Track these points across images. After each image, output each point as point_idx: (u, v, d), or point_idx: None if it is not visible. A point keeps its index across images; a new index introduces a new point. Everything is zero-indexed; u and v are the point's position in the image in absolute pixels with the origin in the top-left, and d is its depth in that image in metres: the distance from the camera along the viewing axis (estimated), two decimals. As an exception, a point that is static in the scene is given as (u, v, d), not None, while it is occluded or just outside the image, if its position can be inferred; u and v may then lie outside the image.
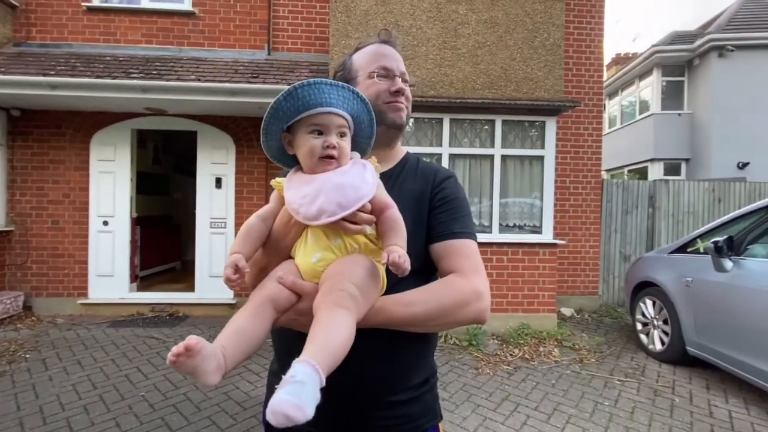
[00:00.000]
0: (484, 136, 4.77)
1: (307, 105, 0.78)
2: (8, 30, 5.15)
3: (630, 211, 6.07)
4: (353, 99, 0.81)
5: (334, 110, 0.78)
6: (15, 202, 5.08)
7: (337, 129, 0.79)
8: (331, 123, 0.79)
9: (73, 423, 2.65)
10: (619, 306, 5.87)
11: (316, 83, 0.76)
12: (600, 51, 5.73)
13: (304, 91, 0.76)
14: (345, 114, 0.80)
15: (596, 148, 5.73)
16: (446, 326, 0.89)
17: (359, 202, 0.74)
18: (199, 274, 5.29)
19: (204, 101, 4.60)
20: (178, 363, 0.56)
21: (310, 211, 0.75)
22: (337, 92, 0.78)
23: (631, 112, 11.96)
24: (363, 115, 0.83)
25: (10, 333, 4.33)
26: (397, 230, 0.77)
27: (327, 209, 0.74)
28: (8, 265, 5.06)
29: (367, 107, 0.83)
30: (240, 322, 0.70)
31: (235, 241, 0.80)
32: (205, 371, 0.59)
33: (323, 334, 0.63)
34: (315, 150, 0.78)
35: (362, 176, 0.78)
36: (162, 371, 3.46)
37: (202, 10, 5.38)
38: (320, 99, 0.77)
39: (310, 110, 0.78)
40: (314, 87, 0.76)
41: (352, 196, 0.74)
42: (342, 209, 0.73)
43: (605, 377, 3.52)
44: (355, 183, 0.76)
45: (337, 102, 0.79)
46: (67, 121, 5.10)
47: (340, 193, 0.74)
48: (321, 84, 0.76)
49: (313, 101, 0.77)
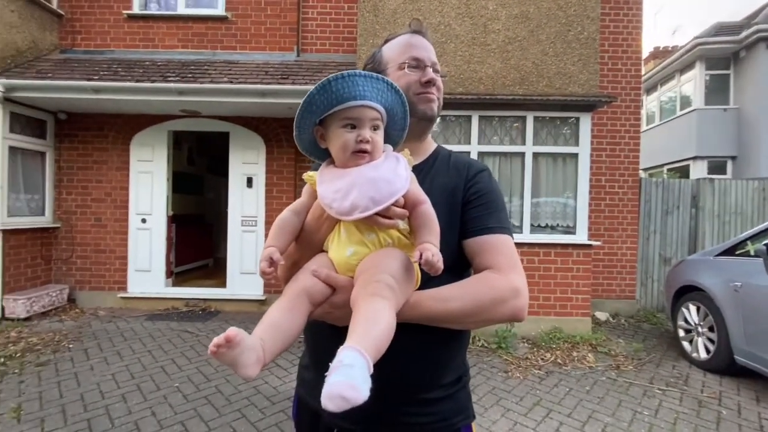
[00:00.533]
0: (515, 133, 4.65)
1: (340, 98, 0.76)
2: (55, 38, 5.48)
3: (671, 212, 5.75)
4: (387, 91, 0.78)
5: (367, 103, 0.76)
6: (62, 200, 5.39)
7: (370, 122, 0.78)
8: (364, 116, 0.77)
9: (112, 411, 2.76)
10: (658, 311, 5.57)
11: (350, 75, 0.74)
12: (638, 44, 5.48)
13: (338, 84, 0.75)
14: (379, 107, 0.78)
15: (634, 146, 5.48)
16: (482, 323, 0.86)
17: (393, 197, 0.73)
18: (230, 270, 5.43)
19: (236, 102, 4.72)
20: (219, 354, 0.56)
21: (343, 206, 0.74)
22: (371, 84, 0.76)
23: (671, 107, 11.37)
24: (397, 107, 0.81)
25: (56, 324, 4.59)
26: (430, 227, 0.76)
27: (360, 204, 0.73)
28: (55, 260, 5.37)
29: (401, 99, 0.81)
30: (276, 315, 0.69)
31: (270, 235, 0.80)
32: (244, 363, 0.59)
33: (364, 323, 0.62)
34: (348, 144, 0.77)
35: (395, 170, 0.77)
36: (195, 364, 3.57)
37: (234, 15, 5.53)
38: (354, 92, 0.76)
39: (344, 104, 0.76)
40: (348, 79, 0.74)
41: (385, 191, 0.73)
42: (375, 204, 0.72)
43: (644, 385, 3.34)
44: (389, 177, 0.75)
45: (371, 94, 0.77)
46: (109, 124, 5.36)
47: (373, 187, 0.73)
48: (355, 76, 0.75)
49: (346, 94, 0.76)
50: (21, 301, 4.60)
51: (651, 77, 11.67)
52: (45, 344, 3.92)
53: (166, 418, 2.70)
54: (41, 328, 4.42)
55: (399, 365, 0.83)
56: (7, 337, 4.08)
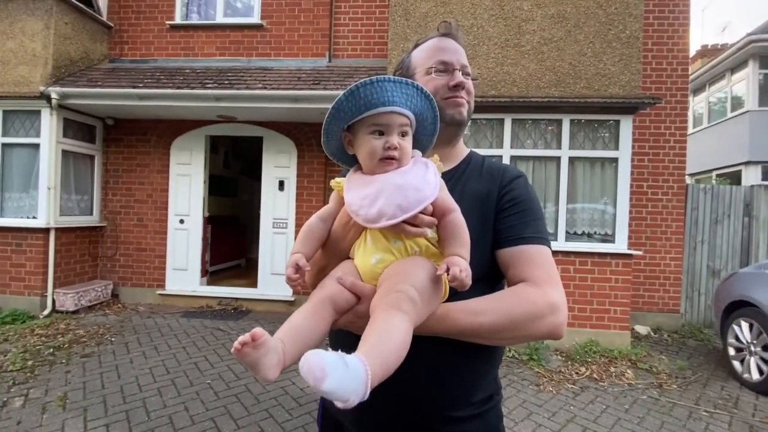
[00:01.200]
0: (550, 136, 4.50)
1: (368, 104, 0.75)
2: (104, 48, 5.83)
3: (720, 221, 5.37)
4: (417, 96, 0.76)
5: (396, 109, 0.75)
6: (107, 201, 5.72)
7: (399, 129, 0.76)
8: (393, 123, 0.75)
9: (149, 404, 2.88)
10: (705, 327, 5.21)
11: (378, 81, 0.73)
12: (685, 42, 5.17)
13: (366, 90, 0.73)
14: (407, 113, 0.77)
15: (679, 150, 5.16)
16: (516, 340, 0.82)
17: (421, 204, 0.71)
18: (261, 271, 5.56)
19: (269, 108, 4.85)
20: (242, 352, 0.56)
21: (370, 214, 0.73)
22: (400, 90, 0.75)
23: (720, 109, 10.66)
24: (426, 112, 0.79)
25: (100, 318, 4.85)
26: (460, 237, 0.73)
27: (387, 212, 0.71)
28: (100, 257, 5.69)
29: (431, 104, 0.79)
30: (299, 319, 0.69)
31: (296, 242, 0.80)
32: (266, 365, 0.58)
33: (376, 336, 0.59)
34: (376, 151, 0.76)
35: (424, 177, 0.75)
36: (226, 362, 3.66)
37: (269, 22, 5.68)
38: (382, 98, 0.74)
39: (372, 110, 0.75)
40: (376, 85, 0.73)
41: (413, 199, 0.71)
42: (402, 212, 0.71)
43: (690, 407, 3.11)
44: (417, 184, 0.73)
45: (400, 100, 0.75)
46: (151, 129, 5.64)
47: (400, 194, 0.71)
48: (383, 82, 0.73)
49: (375, 100, 0.74)
50: (70, 295, 4.90)
51: (698, 77, 10.98)
52: (90, 336, 4.16)
53: (198, 414, 2.78)
54: (87, 321, 4.69)
55: (425, 380, 0.80)
56: (57, 329, 4.35)
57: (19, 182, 5.08)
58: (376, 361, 0.54)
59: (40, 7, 4.95)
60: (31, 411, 2.73)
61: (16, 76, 4.92)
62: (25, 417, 2.65)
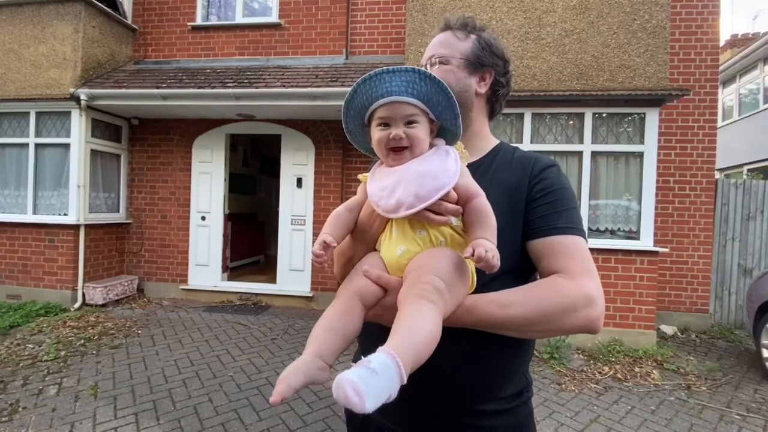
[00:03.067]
0: (571, 131, 4.40)
1: (370, 99, 0.76)
2: (129, 50, 6.00)
3: (753, 217, 5.15)
4: (420, 81, 0.74)
5: (396, 99, 0.74)
6: (133, 198, 5.90)
7: (403, 118, 0.75)
8: (395, 114, 0.75)
9: (174, 395, 2.96)
10: (736, 327, 5.01)
11: (376, 74, 0.73)
12: (715, 31, 4.96)
13: (366, 85, 0.75)
14: (410, 100, 0.75)
15: (708, 143, 4.96)
16: (549, 333, 0.80)
17: (438, 192, 0.70)
18: (280, 267, 5.64)
19: (288, 106, 4.90)
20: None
21: (389, 204, 0.73)
22: (399, 78, 0.74)
23: (752, 101, 10.20)
24: (436, 96, 0.76)
25: (127, 311, 5.02)
26: (484, 222, 0.71)
27: (405, 201, 0.71)
28: (127, 253, 5.88)
29: (439, 86, 0.75)
30: (331, 320, 0.69)
31: (325, 226, 0.80)
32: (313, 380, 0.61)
33: (406, 328, 0.59)
34: (381, 143, 0.77)
35: (443, 164, 0.74)
36: (247, 355, 3.73)
37: (287, 21, 5.74)
38: (381, 90, 0.74)
39: (373, 104, 0.76)
40: (375, 79, 0.74)
41: (430, 187, 0.70)
42: (420, 201, 0.70)
43: (721, 409, 3.00)
44: (434, 172, 0.72)
45: (399, 89, 0.74)
46: (174, 128, 5.78)
47: (417, 183, 0.71)
48: (381, 74, 0.73)
49: (375, 94, 0.75)
50: (99, 289, 5.08)
51: (728, 68, 10.54)
52: (118, 329, 4.30)
53: (221, 405, 2.85)
54: (115, 314, 4.86)
55: (454, 372, 0.79)
56: (87, 321, 4.52)
57: (51, 181, 5.29)
58: (407, 351, 0.54)
59: (69, 12, 5.13)
60: (65, 399, 2.84)
61: (48, 79, 5.12)
62: (60, 404, 2.77)
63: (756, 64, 9.91)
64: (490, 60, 0.95)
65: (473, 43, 0.94)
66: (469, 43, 0.94)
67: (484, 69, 0.95)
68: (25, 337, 3.98)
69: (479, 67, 0.94)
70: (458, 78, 0.93)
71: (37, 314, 4.65)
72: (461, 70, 0.93)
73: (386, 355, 0.51)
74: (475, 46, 0.94)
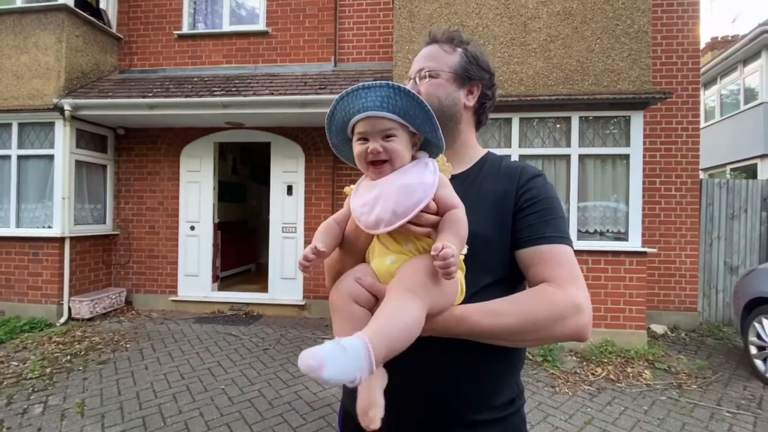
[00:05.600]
0: (559, 135, 4.45)
1: (347, 115, 0.78)
2: (114, 59, 5.93)
3: (737, 216, 5.25)
4: (395, 95, 0.74)
5: (371, 114, 0.75)
6: (120, 209, 5.81)
7: (381, 132, 0.76)
8: (372, 128, 0.76)
9: (164, 410, 2.90)
10: (724, 325, 5.09)
11: (352, 91, 0.75)
12: (695, 34, 5.08)
13: (344, 102, 0.76)
14: (387, 114, 0.75)
15: (692, 144, 5.06)
16: (538, 342, 0.81)
17: (415, 208, 0.71)
18: (272, 276, 5.59)
19: (276, 113, 4.88)
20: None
21: (369, 221, 0.74)
22: (374, 94, 0.75)
23: (733, 102, 10.44)
24: (412, 109, 0.76)
25: (115, 324, 4.92)
26: (453, 230, 0.71)
27: (384, 218, 0.72)
28: (114, 265, 5.78)
29: (415, 100, 0.75)
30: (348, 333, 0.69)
31: (314, 237, 0.81)
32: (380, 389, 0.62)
33: (386, 317, 0.61)
34: (360, 157, 0.78)
35: (420, 177, 0.74)
36: (239, 367, 3.68)
37: (274, 29, 5.73)
38: (357, 106, 0.76)
39: (351, 120, 0.78)
40: (352, 95, 0.75)
41: (407, 203, 0.71)
42: (398, 218, 0.71)
43: (711, 407, 3.04)
44: (411, 187, 0.73)
45: (374, 104, 0.75)
46: (161, 137, 5.72)
47: (394, 200, 0.72)
48: (357, 90, 0.75)
49: (352, 110, 0.77)
50: (85, 303, 4.97)
51: (709, 70, 10.79)
52: (105, 343, 4.21)
53: (213, 419, 2.79)
54: (102, 328, 4.75)
55: (443, 382, 0.80)
56: (73, 336, 4.42)
57: (35, 193, 5.19)
58: (380, 336, 0.56)
59: (52, 22, 5.06)
60: (51, 418, 2.76)
61: (31, 90, 5.03)
62: (45, 424, 2.69)
63: (736, 66, 10.16)
64: (477, 73, 0.96)
65: (460, 56, 0.95)
66: (456, 56, 0.95)
67: (471, 82, 0.96)
68: (9, 354, 3.87)
69: (467, 80, 0.95)
70: (448, 92, 0.93)
71: (21, 330, 4.53)
72: (450, 83, 0.94)
73: (359, 340, 0.54)
74: (463, 60, 0.95)
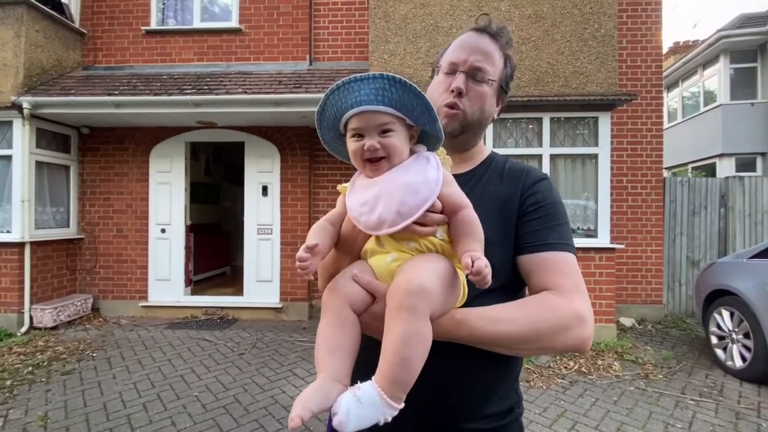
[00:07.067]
0: (531, 135, 4.56)
1: (340, 110, 0.73)
2: (78, 55, 5.67)
3: (698, 212, 5.53)
4: (390, 87, 0.69)
5: (366, 108, 0.70)
6: (85, 212, 5.55)
7: (377, 128, 0.71)
8: (367, 124, 0.71)
9: (134, 420, 2.79)
10: (687, 316, 5.34)
11: (344, 84, 0.69)
12: (658, 39, 5.31)
13: (335, 96, 0.71)
14: (383, 108, 0.70)
15: (656, 144, 5.29)
16: (539, 352, 0.79)
17: (421, 208, 0.67)
18: (247, 278, 5.47)
19: (251, 113, 4.78)
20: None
21: (371, 221, 0.69)
22: (368, 86, 0.69)
23: (694, 104, 10.99)
24: (409, 100, 0.70)
25: (80, 333, 4.70)
26: (474, 233, 0.68)
27: (387, 218, 0.67)
28: (79, 270, 5.52)
29: (412, 91, 0.69)
30: (331, 340, 0.65)
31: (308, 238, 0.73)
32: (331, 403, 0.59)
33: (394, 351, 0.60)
34: (356, 155, 0.73)
35: (424, 173, 0.70)
36: (213, 372, 3.58)
37: (248, 26, 5.62)
38: (350, 100, 0.71)
39: (345, 116, 0.73)
40: (343, 89, 0.70)
41: (412, 203, 0.67)
42: (402, 218, 0.67)
43: (676, 396, 3.18)
44: (415, 185, 0.68)
45: (368, 97, 0.70)
46: (129, 137, 5.51)
47: (398, 200, 0.67)
48: (350, 83, 0.69)
49: (345, 105, 0.71)
50: (48, 311, 4.73)
51: (672, 73, 11.32)
52: (70, 353, 4.02)
53: (185, 428, 2.71)
54: (67, 336, 4.53)
55: (436, 389, 0.76)
56: (35, 346, 4.19)
57: (-9, 196, 4.90)
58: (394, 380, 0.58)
59: (10, 16, 4.79)
60: (8, 434, 2.61)
61: (-15, 86, 4.75)
62: (2, 441, 2.54)
63: (696, 70, 10.70)
64: (509, 86, 0.92)
65: (504, 65, 0.90)
66: (501, 63, 0.89)
67: (504, 95, 0.92)
68: (-38, 368, 3.64)
69: (503, 94, 0.92)
70: (490, 103, 0.89)
71: (-24, 342, 4.27)
72: (493, 96, 0.89)
73: (372, 388, 0.57)
74: (507, 71, 0.90)
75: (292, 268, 5.38)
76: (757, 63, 9.41)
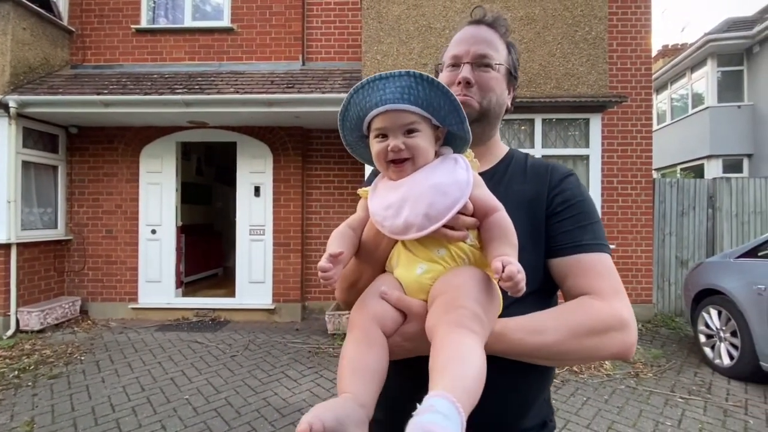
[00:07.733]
0: (523, 136, 4.59)
1: (364, 109, 0.69)
2: (66, 54, 5.58)
3: (686, 213, 5.61)
4: (417, 85, 0.66)
5: (391, 107, 0.67)
6: (73, 213, 5.46)
7: (402, 127, 0.68)
8: (392, 123, 0.68)
9: (123, 424, 2.75)
10: (676, 315, 5.41)
11: (369, 82, 0.66)
12: (647, 42, 5.38)
13: (359, 95, 0.68)
14: (409, 107, 0.67)
15: (646, 146, 5.36)
16: (582, 361, 0.77)
17: (451, 210, 0.63)
18: (239, 279, 5.43)
19: (243, 112, 4.75)
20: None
21: (396, 225, 0.65)
22: (393, 84, 0.66)
23: (682, 106, 11.17)
24: (436, 99, 0.67)
25: (68, 336, 4.62)
26: (507, 238, 0.64)
27: (414, 222, 0.64)
28: (67, 272, 5.43)
29: (440, 89, 0.66)
30: (357, 360, 0.59)
31: (329, 245, 0.69)
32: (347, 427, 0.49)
33: (454, 363, 0.51)
34: (380, 156, 0.70)
35: (452, 175, 0.67)
36: (205, 375, 3.54)
37: (240, 26, 5.58)
38: (375, 98, 0.67)
39: (369, 115, 0.70)
40: (368, 87, 0.67)
41: (441, 205, 0.64)
42: (431, 221, 0.63)
43: (666, 394, 3.22)
44: (444, 186, 0.65)
45: (395, 95, 0.67)
46: (118, 137, 5.43)
47: (426, 202, 0.64)
48: (375, 81, 0.66)
49: (369, 103, 0.68)
50: (35, 314, 4.64)
51: (661, 76, 11.49)
52: (58, 356, 3.95)
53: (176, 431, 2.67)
54: (54, 340, 4.45)
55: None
56: (22, 350, 4.11)
57: (-25, 196, 4.79)
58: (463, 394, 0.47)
59: (-6, 12, 4.70)
60: (-7, 440, 2.56)
61: (-31, 85, 4.65)
62: (-14, 447, 2.49)
63: (684, 73, 10.86)
64: (516, 73, 0.90)
65: (508, 51, 0.88)
66: (506, 50, 0.87)
67: (514, 81, 0.90)
68: (-55, 373, 3.56)
69: (513, 79, 0.89)
70: (502, 89, 0.85)
71: (-40, 345, 4.18)
72: (503, 81, 0.86)
73: (445, 401, 0.44)
74: (513, 57, 0.88)
75: (285, 269, 5.35)
76: (744, 66, 9.59)
